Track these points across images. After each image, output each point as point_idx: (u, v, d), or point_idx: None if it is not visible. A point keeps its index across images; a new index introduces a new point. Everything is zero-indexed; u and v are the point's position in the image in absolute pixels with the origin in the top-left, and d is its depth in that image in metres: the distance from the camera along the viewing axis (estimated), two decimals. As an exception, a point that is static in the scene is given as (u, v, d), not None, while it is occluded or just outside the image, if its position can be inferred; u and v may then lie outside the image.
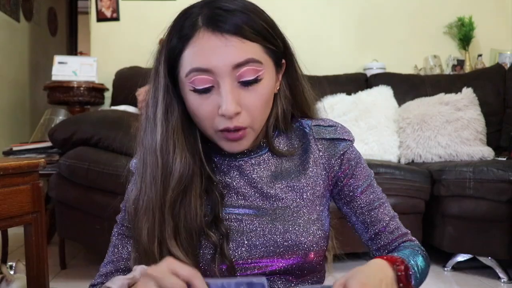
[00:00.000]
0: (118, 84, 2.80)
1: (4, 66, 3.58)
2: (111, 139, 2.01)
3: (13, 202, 1.11)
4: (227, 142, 0.68)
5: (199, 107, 0.66)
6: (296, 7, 3.19)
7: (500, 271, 2.03)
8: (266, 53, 0.67)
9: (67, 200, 1.99)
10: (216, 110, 0.65)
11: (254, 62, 0.64)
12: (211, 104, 0.65)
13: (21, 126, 3.81)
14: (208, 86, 0.64)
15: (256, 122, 0.68)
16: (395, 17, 3.29)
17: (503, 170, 1.94)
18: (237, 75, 0.64)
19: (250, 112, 0.66)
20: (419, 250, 0.75)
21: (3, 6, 3.57)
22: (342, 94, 2.72)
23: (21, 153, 2.25)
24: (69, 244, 2.24)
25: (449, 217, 2.06)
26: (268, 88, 0.68)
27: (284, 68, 0.74)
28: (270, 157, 0.75)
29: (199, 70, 0.64)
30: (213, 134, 0.68)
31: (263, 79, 0.66)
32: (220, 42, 0.63)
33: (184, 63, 0.65)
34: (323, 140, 0.76)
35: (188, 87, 0.65)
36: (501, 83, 2.81)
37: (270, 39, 0.67)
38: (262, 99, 0.67)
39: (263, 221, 0.71)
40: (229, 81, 0.64)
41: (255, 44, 0.65)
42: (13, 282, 1.44)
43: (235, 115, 0.64)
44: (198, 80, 0.64)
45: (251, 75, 0.64)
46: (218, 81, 0.64)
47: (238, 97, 0.64)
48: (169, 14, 0.74)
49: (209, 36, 0.63)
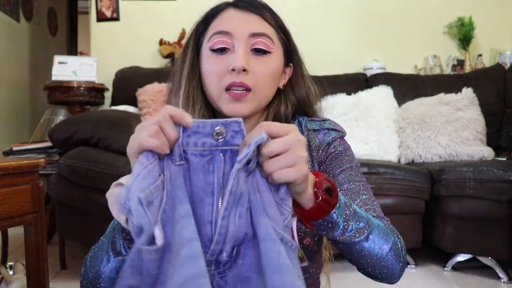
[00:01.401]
0: (118, 84, 2.80)
1: (4, 66, 3.58)
2: (111, 139, 2.01)
3: (13, 202, 1.11)
4: (230, 103, 0.73)
5: (213, 65, 0.74)
6: (296, 7, 3.20)
7: (500, 271, 2.03)
8: (278, 39, 0.77)
9: (67, 200, 1.99)
10: (227, 68, 0.72)
11: (268, 38, 0.75)
12: (224, 63, 0.73)
13: (21, 126, 3.81)
14: (225, 47, 0.74)
15: (258, 90, 0.74)
16: (395, 17, 3.29)
17: (503, 170, 1.94)
18: (252, 43, 0.74)
19: (255, 76, 0.73)
20: (388, 228, 0.71)
21: (3, 6, 3.57)
22: (342, 94, 2.72)
23: (21, 153, 2.25)
24: (69, 244, 2.24)
25: (449, 217, 2.06)
26: (275, 66, 0.76)
27: (292, 73, 0.83)
28: None
29: (220, 32, 0.74)
30: (218, 96, 0.74)
31: (272, 54, 0.75)
32: (243, 15, 0.75)
33: (209, 32, 0.76)
34: (313, 131, 0.81)
35: (208, 48, 0.75)
36: (501, 83, 2.81)
37: (283, 31, 0.79)
38: (268, 69, 0.75)
39: None
40: (243, 45, 0.73)
41: (271, 28, 0.76)
42: (12, 282, 1.44)
43: (242, 72, 0.72)
44: (218, 41, 0.74)
45: (264, 46, 0.74)
46: (234, 44, 0.73)
47: (248, 60, 0.73)
48: (169, 14, 0.77)
49: (235, 10, 0.76)
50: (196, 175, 0.56)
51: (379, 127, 2.55)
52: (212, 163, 0.56)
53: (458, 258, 2.14)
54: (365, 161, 2.18)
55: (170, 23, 3.07)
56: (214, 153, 0.56)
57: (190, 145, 0.56)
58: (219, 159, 0.56)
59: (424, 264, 2.24)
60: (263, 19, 0.76)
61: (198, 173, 0.56)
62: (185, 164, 0.57)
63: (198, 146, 0.56)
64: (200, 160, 0.56)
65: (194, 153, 0.56)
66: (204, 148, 0.56)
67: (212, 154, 0.56)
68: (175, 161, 0.57)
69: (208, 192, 0.55)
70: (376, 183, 2.04)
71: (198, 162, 0.56)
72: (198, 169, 0.56)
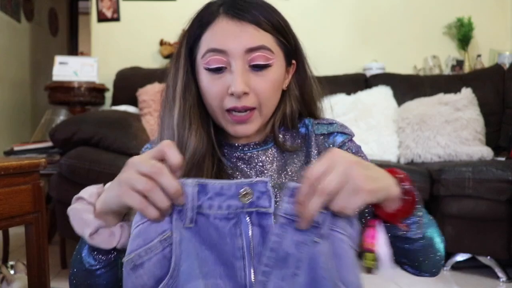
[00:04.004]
0: (119, 85, 2.80)
1: (5, 66, 3.59)
2: (111, 139, 2.02)
3: (14, 202, 1.12)
4: (234, 125, 0.71)
5: (211, 86, 0.70)
6: (296, 7, 3.20)
7: (499, 270, 2.03)
8: (278, 45, 0.72)
9: (67, 200, 1.97)
10: (226, 90, 0.68)
11: (266, 50, 0.69)
12: (222, 83, 0.69)
13: (22, 126, 3.82)
14: (221, 66, 0.69)
15: (263, 106, 0.71)
16: (394, 17, 3.29)
17: (502, 170, 1.95)
18: (249, 59, 0.68)
19: (258, 95, 0.70)
20: None
21: (4, 7, 3.58)
22: (342, 94, 2.73)
23: (22, 153, 2.26)
24: (69, 243, 2.25)
25: (448, 216, 2.07)
26: (277, 77, 0.72)
27: (295, 69, 0.78)
28: (276, 151, 0.77)
29: (214, 50, 0.68)
30: (221, 116, 0.71)
31: (272, 66, 0.70)
32: (236, 27, 0.68)
33: (202, 45, 0.70)
34: (322, 135, 0.79)
35: (203, 66, 0.70)
36: (500, 83, 2.81)
37: (283, 33, 0.72)
38: (270, 84, 0.70)
39: None
40: (240, 63, 0.68)
41: (268, 35, 0.70)
42: (13, 282, 1.44)
43: (243, 95, 0.68)
44: (213, 60, 0.69)
45: (262, 61, 0.69)
46: (231, 62, 0.68)
47: (247, 79, 0.68)
48: (169, 15, 0.76)
49: (227, 21, 0.69)
50: (222, 239, 0.53)
51: (378, 127, 2.56)
52: (239, 226, 0.53)
53: (457, 257, 2.15)
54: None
55: (170, 23, 3.07)
56: (240, 216, 0.53)
57: (214, 208, 0.53)
58: (245, 222, 0.53)
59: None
60: (259, 26, 0.69)
61: (225, 237, 0.53)
62: (195, 227, 0.53)
63: (223, 209, 0.53)
64: (225, 224, 0.53)
65: (219, 217, 0.53)
66: (229, 211, 0.53)
67: (237, 216, 0.53)
68: (185, 222, 0.53)
69: (238, 257, 0.53)
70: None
71: (223, 226, 0.53)
72: (225, 234, 0.53)
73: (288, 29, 0.74)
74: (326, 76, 2.84)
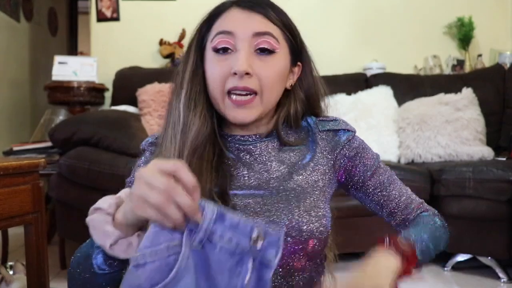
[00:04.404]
0: (118, 84, 2.80)
1: (5, 66, 3.58)
2: (111, 139, 2.01)
3: (14, 202, 1.11)
4: (234, 110, 0.72)
5: (215, 66, 0.72)
6: (296, 7, 3.20)
7: (499, 270, 2.03)
8: (284, 38, 0.75)
9: (67, 200, 1.99)
10: (229, 71, 0.71)
11: (272, 37, 0.72)
12: (226, 65, 0.71)
13: (22, 126, 3.81)
14: (227, 47, 0.72)
15: (264, 93, 0.73)
16: (395, 17, 3.29)
17: (502, 170, 1.95)
18: (255, 44, 0.72)
19: (260, 80, 0.71)
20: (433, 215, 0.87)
21: (3, 6, 3.57)
22: (342, 94, 2.73)
23: (22, 153, 2.25)
24: (69, 244, 2.24)
25: (449, 217, 2.04)
26: (280, 67, 0.74)
27: (301, 71, 0.81)
28: (278, 145, 0.79)
29: (223, 32, 0.72)
30: (221, 101, 0.73)
31: (277, 54, 0.73)
32: (245, 14, 0.73)
33: (212, 32, 0.74)
34: (327, 131, 0.81)
35: (210, 49, 0.73)
36: (500, 83, 2.81)
37: (289, 29, 0.76)
38: (273, 71, 0.73)
39: (268, 204, 0.73)
40: (246, 46, 0.71)
41: (276, 27, 0.74)
42: (12, 282, 1.44)
43: (246, 76, 0.70)
44: (220, 41, 0.72)
45: (267, 45, 0.72)
46: (237, 44, 0.71)
47: (251, 62, 0.71)
48: (169, 14, 0.77)
49: (238, 10, 0.73)
50: (220, 273, 0.53)
51: (378, 127, 2.55)
52: (240, 266, 0.53)
53: (458, 258, 2.14)
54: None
55: (170, 23, 3.07)
56: (244, 257, 0.53)
57: (224, 240, 0.53)
58: (246, 265, 0.53)
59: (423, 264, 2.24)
60: (267, 18, 0.73)
61: (224, 271, 0.53)
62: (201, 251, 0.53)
63: (232, 244, 0.53)
64: (228, 259, 0.53)
65: (225, 250, 0.53)
66: (237, 248, 0.53)
67: (242, 256, 0.53)
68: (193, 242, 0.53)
69: None
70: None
71: (226, 260, 0.53)
72: (225, 268, 0.53)
73: (296, 31, 0.78)
74: (326, 76, 2.84)
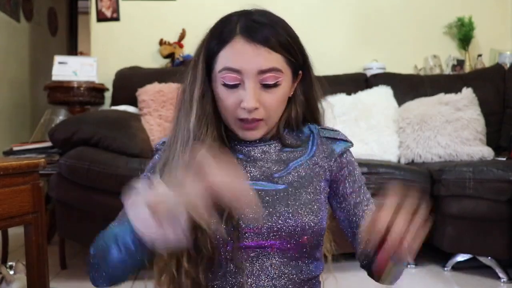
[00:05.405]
0: (118, 84, 2.80)
1: (4, 66, 3.58)
2: (111, 139, 2.01)
3: (14, 202, 1.11)
4: (243, 131, 0.81)
5: (226, 98, 0.80)
6: (296, 7, 3.20)
7: (500, 271, 2.03)
8: (287, 63, 0.80)
9: (67, 200, 1.99)
10: (239, 103, 0.78)
11: (276, 71, 0.78)
12: (236, 97, 0.79)
13: (21, 126, 3.81)
14: (236, 83, 0.78)
15: (270, 118, 0.81)
16: (395, 17, 3.29)
17: (502, 170, 1.95)
18: (260, 79, 0.78)
19: (266, 109, 0.79)
20: None
21: (3, 6, 3.57)
22: (342, 94, 2.73)
23: (22, 153, 2.25)
24: (69, 244, 2.24)
25: (449, 217, 2.06)
26: (284, 92, 0.82)
27: (301, 78, 0.87)
28: (279, 147, 0.87)
29: (231, 69, 0.78)
30: (233, 122, 0.81)
31: (281, 84, 0.80)
32: (251, 50, 0.77)
33: (219, 61, 0.79)
34: (326, 138, 0.89)
35: (220, 81, 0.79)
36: (501, 83, 2.81)
37: (291, 52, 0.81)
38: (277, 100, 0.80)
39: (269, 195, 0.80)
40: (253, 82, 0.77)
41: (279, 55, 0.78)
42: (13, 282, 1.44)
43: (254, 110, 0.78)
44: (229, 77, 0.78)
45: (272, 81, 0.78)
46: (244, 80, 0.77)
47: (258, 96, 0.78)
48: (169, 14, 0.77)
49: (243, 43, 0.77)
50: None
51: (379, 127, 2.55)
52: None
53: (458, 258, 2.14)
54: (365, 161, 2.18)
55: (170, 23, 3.07)
56: None
57: None
58: None
59: (423, 264, 2.24)
60: (270, 48, 0.77)
61: None
62: None
63: None
64: None
65: None
66: None
67: None
68: None
69: None
70: (376, 183, 2.04)
71: None
72: None
73: (296, 46, 0.82)
74: (326, 76, 2.84)
